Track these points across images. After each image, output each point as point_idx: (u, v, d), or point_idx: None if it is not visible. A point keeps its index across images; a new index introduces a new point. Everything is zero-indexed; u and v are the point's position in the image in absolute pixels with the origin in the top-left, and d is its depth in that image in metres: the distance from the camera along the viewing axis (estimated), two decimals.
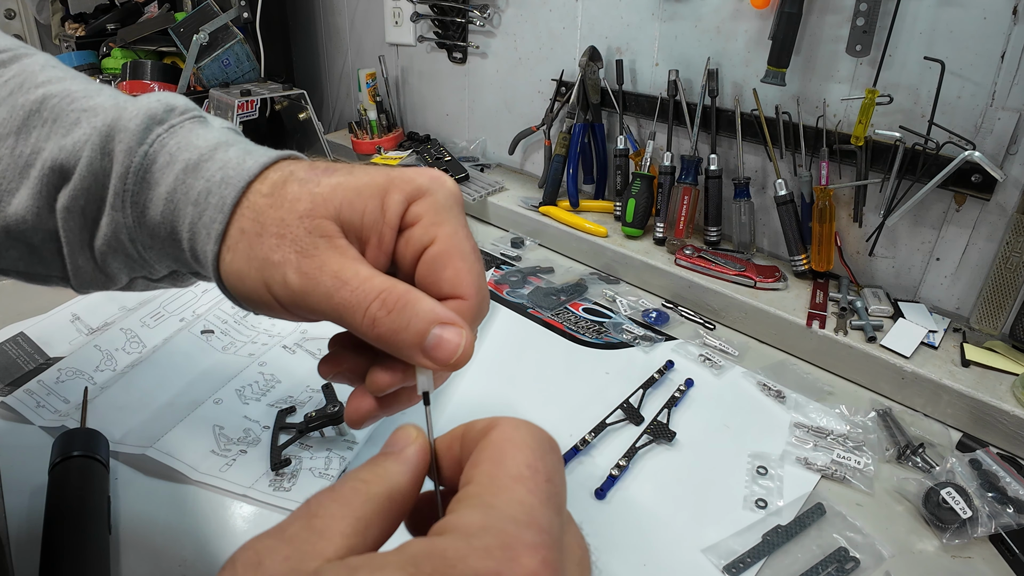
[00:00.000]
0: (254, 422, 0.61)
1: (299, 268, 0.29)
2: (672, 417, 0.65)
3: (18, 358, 0.68)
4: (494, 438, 0.24)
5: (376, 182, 0.31)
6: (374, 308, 0.28)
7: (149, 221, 0.33)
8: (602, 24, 0.98)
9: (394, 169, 0.32)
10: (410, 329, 0.28)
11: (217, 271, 0.31)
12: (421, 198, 0.31)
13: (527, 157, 1.20)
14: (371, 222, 0.31)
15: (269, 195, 0.31)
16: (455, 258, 0.30)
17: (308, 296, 0.29)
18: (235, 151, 0.33)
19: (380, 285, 0.28)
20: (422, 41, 1.27)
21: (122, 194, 0.33)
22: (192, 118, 0.35)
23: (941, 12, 0.68)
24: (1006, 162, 0.69)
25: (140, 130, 0.33)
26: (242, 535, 0.51)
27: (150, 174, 0.33)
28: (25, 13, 1.70)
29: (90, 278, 0.36)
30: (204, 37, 1.26)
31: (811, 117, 0.81)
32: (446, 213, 0.31)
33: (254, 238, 0.30)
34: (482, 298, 0.31)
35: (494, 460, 0.23)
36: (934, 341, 0.71)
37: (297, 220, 0.30)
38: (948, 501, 0.54)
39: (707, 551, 0.51)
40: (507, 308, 0.83)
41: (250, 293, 0.31)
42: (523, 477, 0.23)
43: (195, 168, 0.32)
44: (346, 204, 0.30)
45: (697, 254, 0.85)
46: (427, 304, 0.28)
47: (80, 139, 0.33)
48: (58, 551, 0.45)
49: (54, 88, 0.35)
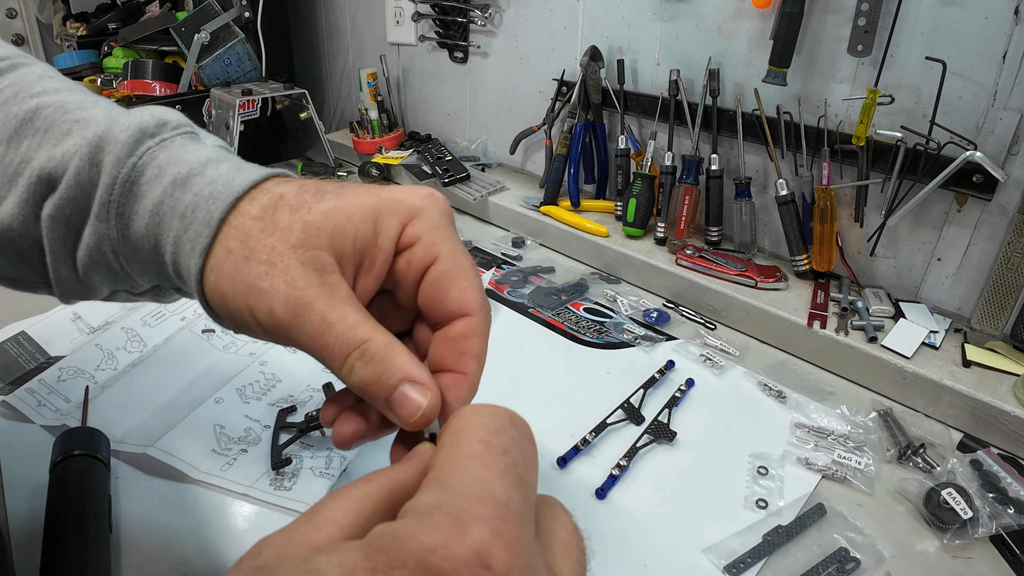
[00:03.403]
0: (255, 421, 0.61)
1: (287, 302, 0.29)
2: (673, 417, 0.65)
3: (19, 357, 0.68)
4: (453, 423, 0.25)
5: (367, 205, 0.31)
6: (353, 358, 0.29)
7: (133, 234, 0.33)
8: (603, 24, 0.98)
9: (384, 189, 0.32)
10: (380, 382, 0.29)
11: (201, 288, 0.31)
12: (416, 218, 0.32)
13: (528, 157, 1.20)
14: (362, 247, 0.31)
15: (259, 219, 0.31)
16: (459, 277, 0.31)
17: (292, 331, 0.29)
18: (226, 167, 0.33)
19: (363, 336, 0.29)
20: (423, 41, 1.27)
21: (107, 205, 0.33)
22: (184, 133, 0.35)
23: (943, 12, 0.68)
24: (1007, 162, 0.69)
25: (130, 142, 0.33)
26: (243, 534, 0.51)
27: (137, 186, 0.32)
28: (26, 12, 1.70)
29: (72, 288, 0.36)
30: (205, 36, 1.26)
31: (812, 117, 0.80)
32: (443, 232, 0.32)
33: (241, 261, 0.30)
34: (487, 311, 0.32)
35: (452, 443, 0.24)
36: (935, 341, 0.71)
37: (290, 250, 0.29)
38: (949, 501, 0.54)
39: (707, 551, 0.51)
40: (508, 308, 0.83)
41: (233, 315, 0.31)
42: (477, 453, 0.23)
43: (184, 182, 0.32)
44: (337, 231, 0.30)
45: (698, 254, 0.85)
46: (401, 361, 0.29)
47: (70, 149, 0.33)
48: (59, 550, 0.45)
49: (49, 99, 0.35)
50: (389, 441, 0.33)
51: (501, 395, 0.74)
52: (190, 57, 1.26)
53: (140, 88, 1.31)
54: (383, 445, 0.60)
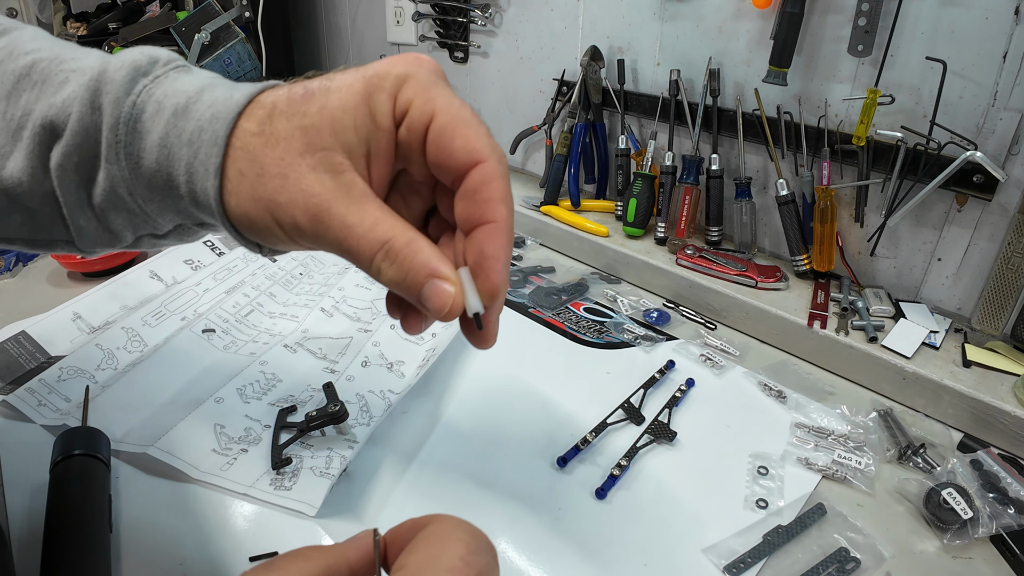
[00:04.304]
0: (255, 421, 0.61)
1: (307, 211, 0.29)
2: (673, 417, 0.65)
3: (19, 357, 0.68)
4: (433, 530, 0.26)
5: (356, 90, 0.31)
6: (378, 259, 0.29)
7: (145, 171, 0.33)
8: (604, 24, 0.98)
9: (369, 67, 0.32)
10: (408, 281, 0.29)
11: (223, 211, 0.31)
12: (404, 84, 0.31)
13: (528, 157, 1.20)
14: (365, 134, 0.31)
15: (259, 133, 0.31)
16: (460, 126, 0.30)
17: (319, 238, 0.30)
18: (221, 90, 0.33)
19: (383, 235, 0.29)
20: (423, 40, 1.27)
21: (115, 146, 0.33)
22: (176, 67, 0.35)
23: (943, 12, 0.68)
24: (1008, 162, 0.69)
25: (126, 81, 0.33)
26: (243, 534, 0.51)
27: (140, 123, 0.33)
28: (27, 12, 1.70)
29: (94, 237, 0.36)
30: (206, 36, 1.26)
31: (813, 117, 0.80)
32: (434, 89, 0.31)
33: (255, 179, 0.30)
34: (499, 155, 0.31)
35: (430, 550, 0.25)
36: (935, 341, 0.71)
37: (298, 158, 0.30)
38: (949, 502, 0.54)
39: (708, 551, 0.51)
40: (508, 308, 0.83)
41: (262, 233, 0.31)
42: (455, 568, 0.24)
43: (184, 111, 0.32)
44: (337, 126, 0.30)
45: (698, 254, 0.85)
46: (424, 257, 0.29)
47: (69, 96, 0.33)
48: (59, 550, 0.45)
49: (43, 54, 0.35)
50: (385, 450, 0.33)
51: (501, 395, 0.74)
52: (190, 57, 1.26)
53: None
54: (383, 445, 0.59)
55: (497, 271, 0.30)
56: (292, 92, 0.31)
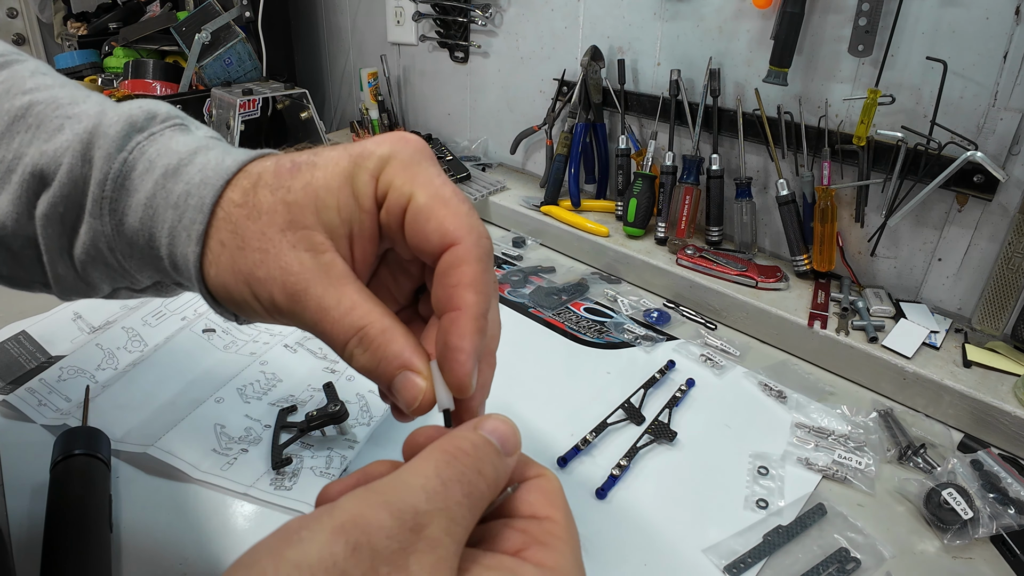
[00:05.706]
0: (255, 421, 0.61)
1: (284, 288, 0.29)
2: (673, 417, 0.65)
3: (20, 356, 0.68)
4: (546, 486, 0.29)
5: (340, 168, 0.30)
6: (351, 345, 0.29)
7: (128, 229, 0.33)
8: (604, 24, 0.98)
9: (355, 145, 0.31)
10: (379, 369, 0.29)
11: (202, 279, 0.31)
12: (387, 166, 0.30)
13: (529, 156, 1.20)
14: (348, 215, 0.30)
15: (242, 204, 0.30)
16: (436, 208, 0.29)
17: (295, 316, 0.29)
18: (215, 153, 0.32)
19: (359, 320, 0.29)
20: (424, 40, 1.27)
21: (100, 201, 0.32)
22: (173, 125, 0.34)
23: (943, 12, 0.68)
24: (1008, 162, 0.69)
25: (120, 136, 0.32)
26: (243, 534, 0.51)
27: (129, 181, 0.32)
28: (27, 12, 1.70)
29: (72, 286, 0.36)
30: (206, 36, 1.26)
31: (813, 117, 0.80)
32: (415, 168, 0.30)
33: (236, 252, 0.30)
34: (477, 236, 0.29)
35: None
36: (936, 342, 0.71)
37: (279, 234, 0.29)
38: (949, 502, 0.54)
39: (708, 551, 0.51)
40: (509, 308, 0.83)
41: (240, 305, 0.31)
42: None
43: (175, 172, 0.32)
44: (320, 205, 0.29)
45: (699, 254, 0.85)
46: (397, 347, 0.29)
47: (62, 145, 0.33)
48: (59, 549, 0.45)
49: (41, 95, 0.35)
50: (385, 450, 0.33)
51: (502, 395, 0.74)
52: (191, 57, 1.26)
53: (141, 88, 1.31)
54: (383, 445, 0.59)
55: (460, 363, 0.28)
56: (280, 164, 0.31)
